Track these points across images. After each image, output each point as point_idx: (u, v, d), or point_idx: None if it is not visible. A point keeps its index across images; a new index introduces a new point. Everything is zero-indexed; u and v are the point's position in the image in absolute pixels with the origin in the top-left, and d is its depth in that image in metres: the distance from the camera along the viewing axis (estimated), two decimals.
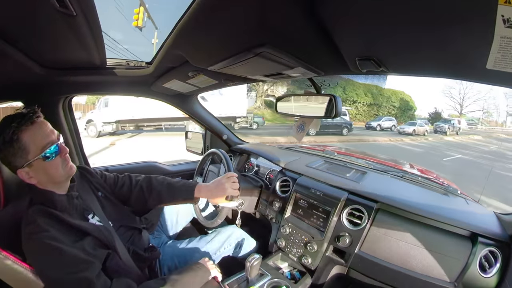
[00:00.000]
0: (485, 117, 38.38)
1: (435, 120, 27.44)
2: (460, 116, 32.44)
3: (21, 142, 0.78)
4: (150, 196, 1.17)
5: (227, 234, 1.42)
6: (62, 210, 0.86)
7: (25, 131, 0.79)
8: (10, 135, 0.77)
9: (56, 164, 0.85)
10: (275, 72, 0.99)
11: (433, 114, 32.10)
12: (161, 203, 1.24)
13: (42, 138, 0.82)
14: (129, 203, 1.19)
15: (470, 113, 35.73)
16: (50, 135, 0.85)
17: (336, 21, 0.59)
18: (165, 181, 1.22)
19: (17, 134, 0.77)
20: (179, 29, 0.74)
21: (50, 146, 0.83)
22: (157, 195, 1.18)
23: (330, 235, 1.23)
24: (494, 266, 0.93)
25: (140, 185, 1.18)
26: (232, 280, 1.20)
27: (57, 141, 0.86)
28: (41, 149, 0.81)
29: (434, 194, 1.27)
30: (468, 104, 34.43)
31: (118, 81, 1.40)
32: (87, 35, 0.76)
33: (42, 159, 0.81)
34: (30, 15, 0.63)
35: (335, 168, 1.52)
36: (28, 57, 0.92)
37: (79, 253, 0.79)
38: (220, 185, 1.17)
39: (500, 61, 0.50)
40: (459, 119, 24.95)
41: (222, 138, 2.10)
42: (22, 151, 0.79)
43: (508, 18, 0.39)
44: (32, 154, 0.80)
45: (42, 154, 0.81)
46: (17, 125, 0.78)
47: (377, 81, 28.05)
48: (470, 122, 34.02)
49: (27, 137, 0.79)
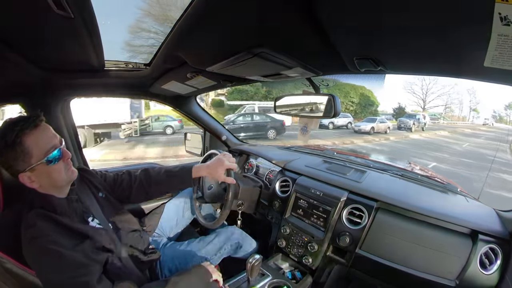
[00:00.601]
0: (447, 112, 39.61)
1: (399, 115, 26.40)
2: (423, 111, 32.35)
3: (24, 145, 0.77)
4: (150, 187, 1.20)
5: (227, 235, 1.41)
6: (62, 213, 0.86)
7: (29, 135, 0.78)
8: (13, 139, 0.75)
9: (59, 169, 0.85)
10: (274, 73, 0.99)
11: (397, 109, 31.51)
12: (162, 192, 1.28)
13: (45, 142, 0.81)
14: (130, 198, 1.20)
15: (433, 108, 36.77)
16: (53, 139, 0.84)
17: (334, 21, 0.59)
18: (162, 169, 1.25)
19: (20, 138, 0.76)
20: (177, 30, 0.74)
21: (53, 150, 0.82)
22: (156, 185, 1.20)
23: (331, 234, 1.23)
24: (495, 263, 0.93)
25: (139, 178, 1.20)
26: (233, 281, 1.20)
27: (59, 145, 0.85)
28: (44, 154, 0.80)
29: (433, 192, 1.27)
30: (431, 99, 34.94)
31: (117, 83, 1.40)
32: (85, 37, 0.76)
33: (46, 164, 0.81)
34: (28, 18, 0.63)
35: (335, 167, 1.52)
36: (26, 60, 0.92)
37: (79, 257, 0.78)
38: (218, 161, 1.24)
39: (497, 58, 0.50)
40: (424, 114, 24.31)
41: (221, 139, 2.10)
42: (25, 155, 0.78)
43: (505, 16, 0.39)
44: (35, 158, 0.79)
45: (45, 159, 0.80)
46: (21, 128, 0.77)
47: (375, 81, 27.52)
48: (433, 117, 34.20)
49: (30, 141, 0.78)
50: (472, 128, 28.31)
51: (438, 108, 37.66)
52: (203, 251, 1.29)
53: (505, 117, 48.75)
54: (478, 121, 40.52)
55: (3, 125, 0.79)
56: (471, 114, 41.84)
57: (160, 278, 1.19)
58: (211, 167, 1.24)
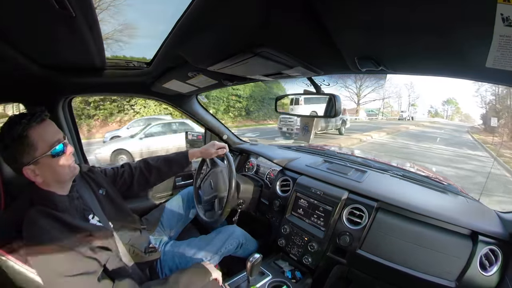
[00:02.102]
0: (385, 107, 37.83)
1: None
2: (358, 107, 30.15)
3: (30, 138, 0.79)
4: (150, 175, 1.28)
5: (227, 234, 1.42)
6: (63, 210, 0.86)
7: (35, 128, 0.80)
8: (19, 132, 0.77)
9: (63, 162, 0.86)
10: (275, 72, 0.99)
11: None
12: (162, 178, 1.34)
13: (50, 136, 0.84)
14: (132, 188, 1.25)
15: (369, 104, 32.60)
16: (57, 134, 0.87)
17: (336, 21, 0.59)
18: (160, 157, 1.35)
19: (27, 131, 0.78)
20: (178, 29, 0.74)
21: (57, 144, 0.84)
22: (156, 171, 1.30)
23: (331, 234, 1.23)
24: (495, 264, 0.93)
25: (140, 167, 1.28)
26: (233, 281, 1.20)
27: (63, 140, 0.87)
28: (49, 146, 0.82)
29: (434, 193, 1.27)
30: (367, 93, 30.64)
31: (118, 82, 1.40)
32: (87, 35, 0.76)
33: (50, 156, 0.82)
34: (29, 16, 0.63)
35: (335, 167, 1.52)
36: (28, 58, 0.92)
37: (80, 255, 0.79)
38: (210, 143, 1.44)
39: (499, 59, 0.50)
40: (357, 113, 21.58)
41: (222, 138, 2.10)
42: (30, 147, 0.79)
43: (507, 17, 0.39)
44: (40, 151, 0.81)
45: (51, 151, 0.82)
46: (28, 121, 0.79)
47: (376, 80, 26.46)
48: (371, 113, 33.35)
49: (36, 134, 0.80)
50: (416, 124, 26.48)
51: (375, 104, 34.39)
52: (203, 250, 1.30)
53: (441, 112, 49.70)
54: (417, 116, 39.69)
55: (9, 120, 0.80)
56: (410, 109, 41.10)
57: (161, 277, 1.20)
58: (204, 148, 1.42)
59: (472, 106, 74.68)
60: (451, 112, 50.81)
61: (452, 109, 50.88)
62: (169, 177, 1.39)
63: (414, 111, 40.77)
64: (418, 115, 41.79)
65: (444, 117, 48.06)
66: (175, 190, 1.91)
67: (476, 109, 50.19)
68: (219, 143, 1.45)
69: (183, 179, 1.98)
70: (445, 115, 49.50)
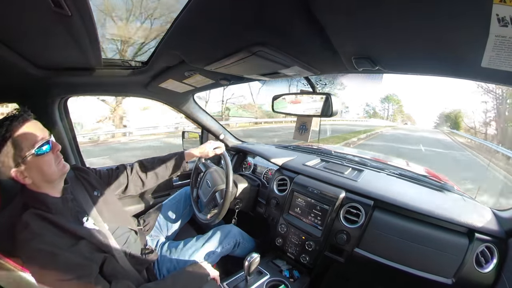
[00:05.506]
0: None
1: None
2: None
3: (14, 139, 0.78)
4: (146, 177, 1.30)
5: (224, 233, 1.42)
6: (56, 213, 0.85)
7: (18, 128, 0.80)
8: (3, 133, 0.77)
9: (49, 161, 0.85)
10: (272, 71, 0.99)
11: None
12: (158, 179, 1.34)
13: (34, 135, 0.83)
14: (127, 190, 1.25)
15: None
16: (42, 132, 0.86)
17: (332, 20, 0.59)
18: (155, 158, 1.36)
19: (10, 132, 0.78)
20: (175, 28, 0.74)
21: (42, 141, 0.83)
22: (152, 173, 1.31)
23: (328, 233, 1.24)
24: (491, 261, 0.94)
25: (135, 169, 1.29)
26: (231, 280, 1.20)
27: (48, 138, 0.86)
28: (33, 145, 0.81)
29: (430, 191, 1.28)
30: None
31: (114, 82, 1.39)
32: (83, 35, 0.75)
33: (35, 155, 0.81)
34: (25, 16, 0.62)
35: (332, 166, 1.52)
36: (23, 58, 0.91)
37: (75, 258, 0.78)
38: (206, 143, 1.45)
39: (494, 59, 0.51)
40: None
41: (219, 138, 2.10)
42: (15, 148, 0.79)
43: (503, 17, 0.40)
44: (25, 150, 0.80)
45: (35, 150, 0.81)
46: (10, 122, 0.78)
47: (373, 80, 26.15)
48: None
49: (19, 134, 0.79)
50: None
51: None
52: (201, 250, 1.30)
53: (380, 111, 46.03)
54: (347, 116, 35.88)
55: None
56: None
57: (158, 278, 1.19)
58: (200, 147, 1.43)
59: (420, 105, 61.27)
60: (392, 111, 47.28)
61: (394, 108, 46.87)
62: (165, 179, 1.37)
63: (345, 110, 35.94)
64: (351, 115, 37.85)
65: (384, 118, 44.12)
66: (172, 190, 1.91)
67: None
68: (216, 142, 1.47)
69: (179, 179, 1.97)
70: (385, 115, 45.90)
